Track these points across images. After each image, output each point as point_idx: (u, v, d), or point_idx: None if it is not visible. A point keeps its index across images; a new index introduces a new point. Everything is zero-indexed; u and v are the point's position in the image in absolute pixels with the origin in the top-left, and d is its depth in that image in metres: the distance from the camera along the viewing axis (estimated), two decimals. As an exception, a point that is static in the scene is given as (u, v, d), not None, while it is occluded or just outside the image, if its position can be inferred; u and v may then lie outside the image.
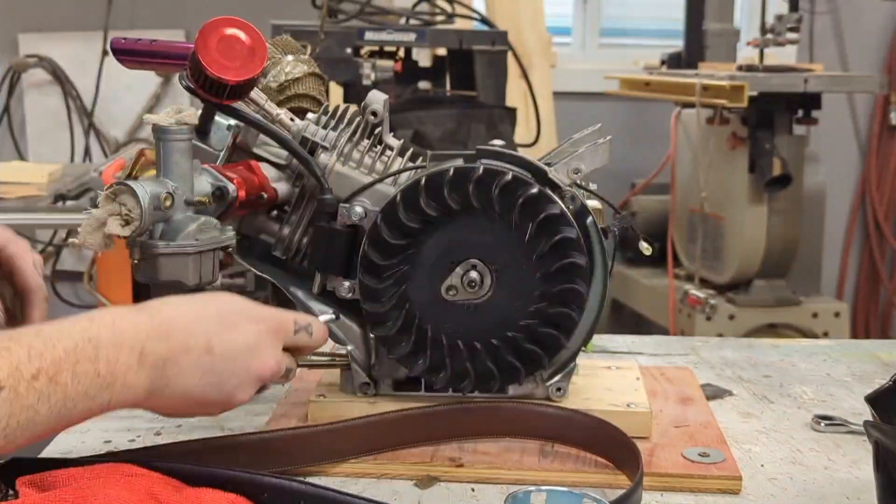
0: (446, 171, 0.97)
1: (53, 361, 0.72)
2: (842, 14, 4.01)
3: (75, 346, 0.74)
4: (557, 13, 3.98)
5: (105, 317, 0.78)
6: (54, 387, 0.71)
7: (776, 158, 2.90)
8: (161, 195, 0.90)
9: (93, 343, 0.75)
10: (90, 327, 0.76)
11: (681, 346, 1.43)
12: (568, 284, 0.98)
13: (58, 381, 0.72)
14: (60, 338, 0.73)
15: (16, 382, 0.69)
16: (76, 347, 0.74)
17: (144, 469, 0.83)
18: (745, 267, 3.04)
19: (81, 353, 0.74)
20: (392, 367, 1.06)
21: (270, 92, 1.10)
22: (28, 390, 0.70)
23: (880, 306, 4.13)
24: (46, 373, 0.71)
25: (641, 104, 3.42)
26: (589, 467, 0.97)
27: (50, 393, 0.71)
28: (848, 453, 1.04)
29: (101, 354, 0.75)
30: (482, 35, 2.71)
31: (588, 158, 1.02)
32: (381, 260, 0.99)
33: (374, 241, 0.99)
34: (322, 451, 0.97)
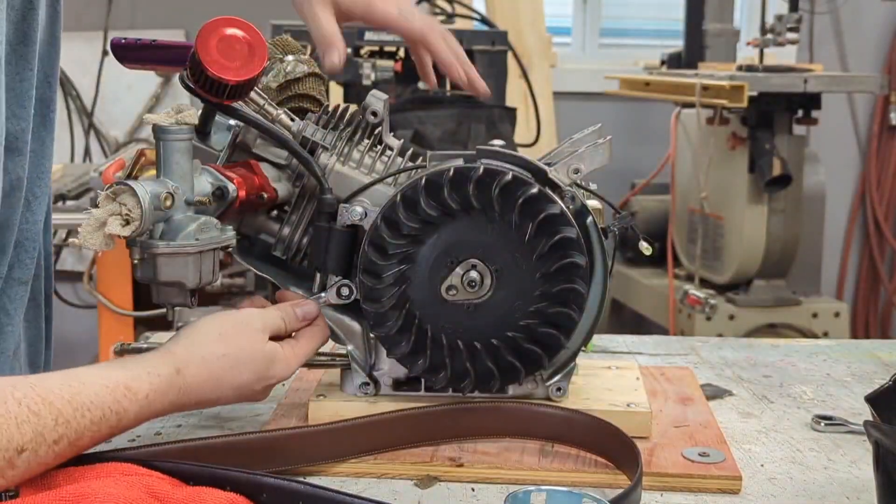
0: (446, 171, 0.97)
1: (77, 429, 0.80)
2: (842, 14, 4.02)
3: (102, 417, 0.82)
4: (557, 13, 3.98)
5: (142, 388, 0.86)
6: (71, 449, 0.80)
7: (776, 158, 2.90)
8: (161, 195, 0.90)
9: (118, 416, 0.83)
10: (122, 401, 0.84)
11: (681, 346, 1.43)
12: (568, 284, 0.98)
13: (77, 444, 0.80)
14: (91, 407, 0.81)
15: (37, 446, 0.77)
16: (102, 418, 0.82)
17: (144, 468, 0.83)
18: (744, 267, 3.04)
19: (105, 423, 0.82)
20: (392, 366, 1.06)
21: (270, 92, 1.10)
22: (47, 452, 0.78)
23: (880, 306, 4.13)
24: (68, 438, 0.79)
25: (641, 104, 3.42)
26: (589, 467, 0.97)
27: (66, 454, 0.80)
28: (848, 453, 1.04)
29: (122, 424, 0.84)
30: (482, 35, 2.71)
31: (588, 158, 1.02)
32: (381, 260, 0.99)
33: (374, 241, 0.99)
34: (322, 451, 0.97)
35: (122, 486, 0.76)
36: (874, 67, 4.03)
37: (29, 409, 0.77)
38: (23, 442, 0.76)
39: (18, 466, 0.76)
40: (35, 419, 0.77)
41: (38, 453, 0.77)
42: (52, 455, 0.78)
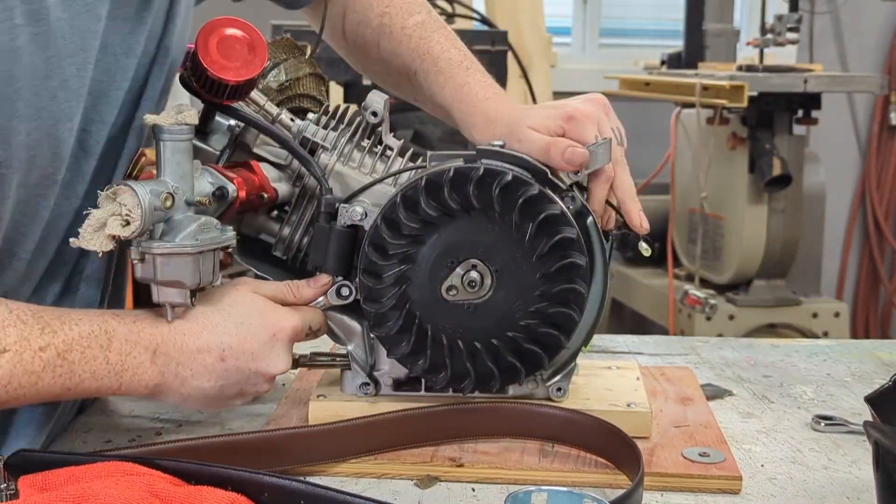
0: (446, 171, 0.97)
1: (65, 340, 0.82)
2: (842, 14, 4.02)
3: (90, 332, 0.84)
4: (557, 13, 3.98)
5: (128, 315, 0.88)
6: (61, 361, 0.81)
7: (776, 158, 2.90)
8: (161, 195, 0.90)
9: (108, 334, 0.85)
10: (110, 320, 0.86)
11: (681, 346, 1.43)
12: (568, 284, 0.98)
13: (66, 357, 0.82)
14: (79, 322, 0.84)
15: (21, 349, 0.80)
16: (91, 333, 0.84)
17: (146, 468, 0.83)
18: (744, 267, 3.04)
19: (94, 339, 0.84)
20: (392, 367, 1.06)
21: (271, 92, 1.10)
22: (34, 359, 0.80)
23: (880, 306, 4.13)
24: (56, 347, 0.81)
25: (641, 104, 3.42)
26: (589, 467, 0.97)
27: (56, 365, 0.81)
28: (848, 453, 1.04)
29: (113, 345, 0.85)
30: (482, 35, 2.71)
31: (588, 159, 1.02)
32: (382, 260, 0.99)
33: (375, 242, 0.99)
34: (322, 451, 0.97)
35: (123, 486, 0.76)
36: (874, 67, 4.03)
37: (18, 317, 0.81)
38: (6, 343, 0.79)
39: (2, 366, 0.79)
40: (21, 325, 0.81)
41: (22, 357, 0.80)
42: (41, 363, 0.81)
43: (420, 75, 1.16)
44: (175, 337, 0.90)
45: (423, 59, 1.15)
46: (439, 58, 1.15)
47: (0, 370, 0.79)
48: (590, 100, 1.06)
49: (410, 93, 1.21)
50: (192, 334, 0.91)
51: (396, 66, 1.19)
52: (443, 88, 1.13)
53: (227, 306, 0.94)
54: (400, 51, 1.18)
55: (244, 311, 0.95)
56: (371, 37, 1.21)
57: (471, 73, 1.13)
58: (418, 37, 1.17)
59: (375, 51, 1.21)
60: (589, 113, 1.04)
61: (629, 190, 1.05)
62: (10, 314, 0.81)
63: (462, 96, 1.11)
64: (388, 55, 1.19)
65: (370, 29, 1.20)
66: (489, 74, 1.16)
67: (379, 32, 1.19)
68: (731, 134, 3.00)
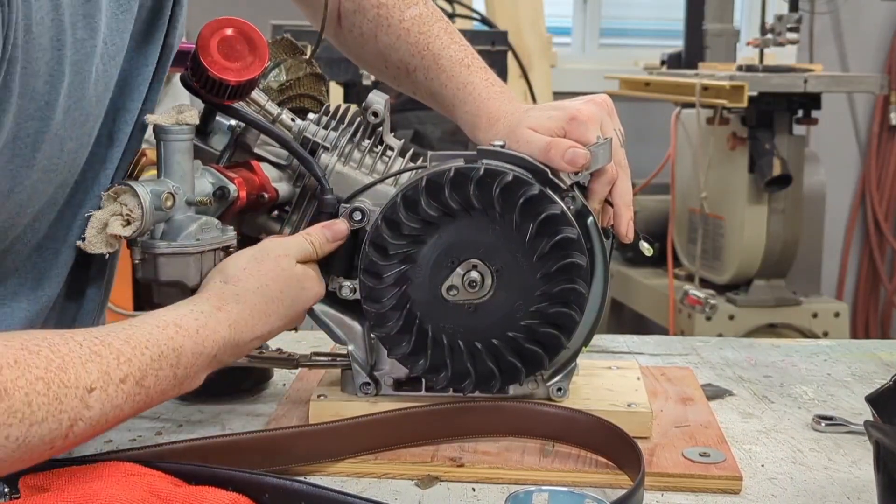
0: (447, 171, 0.97)
1: (140, 367, 0.80)
2: (842, 14, 4.02)
3: (160, 354, 0.82)
4: (557, 13, 3.98)
5: (190, 324, 0.85)
6: (139, 389, 0.80)
7: (776, 158, 2.90)
8: (162, 195, 0.90)
9: (176, 352, 0.83)
10: (176, 337, 0.84)
11: (681, 346, 1.43)
12: (568, 284, 0.98)
13: (143, 384, 0.80)
14: (148, 345, 0.81)
15: (105, 385, 0.77)
16: (161, 355, 0.82)
17: (146, 468, 0.83)
18: (744, 267, 3.04)
19: (165, 361, 0.82)
20: (393, 367, 1.06)
21: (271, 92, 1.10)
22: (117, 392, 0.78)
23: (880, 306, 4.13)
24: (133, 377, 0.79)
25: (641, 104, 3.42)
26: (590, 467, 0.97)
27: (135, 394, 0.79)
28: (848, 453, 1.04)
29: (181, 362, 0.84)
30: (482, 35, 2.71)
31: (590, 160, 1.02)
32: (382, 260, 0.99)
33: (375, 242, 0.99)
34: (323, 451, 0.97)
35: (123, 487, 0.76)
36: (874, 67, 4.03)
37: (90, 349, 0.77)
38: (90, 381, 0.75)
39: (93, 406, 0.75)
40: (98, 358, 0.77)
41: (108, 392, 0.77)
42: (123, 395, 0.78)
43: (420, 72, 1.15)
44: (234, 336, 0.89)
45: (423, 55, 1.15)
46: (440, 55, 1.14)
47: (91, 411, 0.75)
48: (593, 100, 1.06)
49: (409, 87, 1.20)
50: (248, 328, 0.91)
51: (395, 60, 1.18)
52: (444, 87, 1.13)
53: (278, 291, 0.94)
54: (398, 45, 1.17)
55: (291, 293, 0.95)
56: (368, 28, 1.19)
57: (473, 72, 1.12)
58: (417, 31, 1.16)
59: (373, 43, 1.20)
60: (591, 114, 1.03)
61: (626, 196, 1.05)
62: (82, 347, 0.76)
63: (465, 96, 1.11)
64: (385, 49, 1.18)
65: (367, 20, 1.19)
66: (490, 69, 1.15)
67: (376, 24, 1.18)
68: (731, 134, 3.00)
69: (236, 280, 0.92)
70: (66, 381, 0.73)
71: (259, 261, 0.94)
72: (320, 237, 1.00)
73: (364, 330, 1.06)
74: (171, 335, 0.83)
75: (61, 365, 0.74)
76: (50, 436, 0.72)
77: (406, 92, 1.22)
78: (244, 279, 0.92)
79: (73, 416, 0.74)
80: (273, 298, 0.93)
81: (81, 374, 0.75)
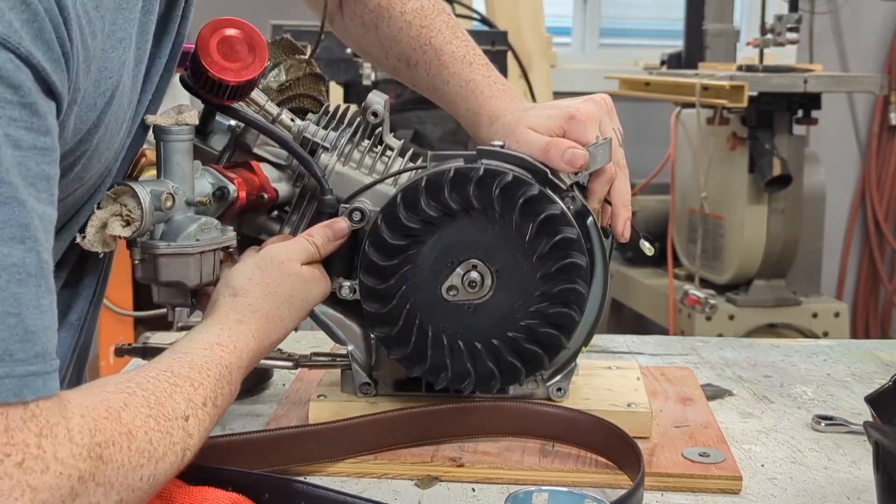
0: (447, 171, 0.97)
1: (212, 389, 0.82)
2: (842, 14, 4.02)
3: (220, 375, 0.84)
4: (557, 13, 3.98)
5: (228, 342, 0.88)
6: (215, 409, 0.82)
7: (776, 158, 2.90)
8: (162, 195, 0.90)
9: (228, 369, 0.86)
10: (224, 355, 0.86)
11: (681, 346, 1.43)
12: (568, 284, 0.98)
13: (216, 404, 0.83)
14: (209, 367, 0.84)
15: (195, 411, 0.79)
16: (220, 375, 0.84)
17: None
18: (744, 267, 3.04)
19: (224, 379, 0.85)
20: (393, 367, 1.06)
21: (271, 92, 1.10)
22: (204, 415, 0.80)
23: (880, 306, 4.13)
24: (211, 399, 0.82)
25: (641, 104, 3.42)
26: (589, 467, 0.97)
27: (214, 415, 0.82)
28: (848, 453, 1.04)
29: (233, 378, 0.86)
30: (482, 35, 2.71)
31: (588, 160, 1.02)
32: (382, 260, 0.99)
33: (375, 242, 0.99)
34: (322, 451, 0.97)
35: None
36: (874, 67, 4.03)
37: (168, 382, 0.78)
38: (183, 410, 0.77)
39: (193, 434, 0.77)
40: (179, 389, 0.78)
41: (199, 418, 0.79)
42: (208, 418, 0.81)
43: (421, 67, 1.15)
44: (259, 345, 0.91)
45: (425, 50, 1.14)
46: (442, 51, 1.13)
47: (193, 439, 0.78)
48: (592, 100, 1.06)
49: (410, 80, 1.19)
50: (268, 335, 0.92)
51: (395, 52, 1.17)
52: (446, 84, 1.12)
53: (287, 296, 0.95)
54: (399, 38, 1.16)
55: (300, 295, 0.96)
56: (369, 18, 1.19)
57: (475, 69, 1.12)
58: (419, 24, 1.15)
59: (374, 34, 1.19)
60: (590, 113, 1.03)
61: (624, 196, 1.05)
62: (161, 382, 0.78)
63: (466, 94, 1.10)
64: (386, 40, 1.18)
65: (368, 10, 1.18)
66: (493, 66, 1.15)
67: (377, 15, 1.17)
68: (731, 134, 3.00)
69: (245, 292, 0.93)
70: (168, 414, 0.75)
71: (263, 269, 0.95)
72: (322, 237, 1.00)
73: (364, 330, 1.05)
74: (220, 354, 0.85)
75: (157, 401, 0.75)
76: (171, 469, 0.75)
77: (407, 84, 1.21)
78: (252, 290, 0.93)
79: (184, 446, 0.76)
80: (283, 302, 0.94)
81: (174, 406, 0.77)
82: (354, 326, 1.06)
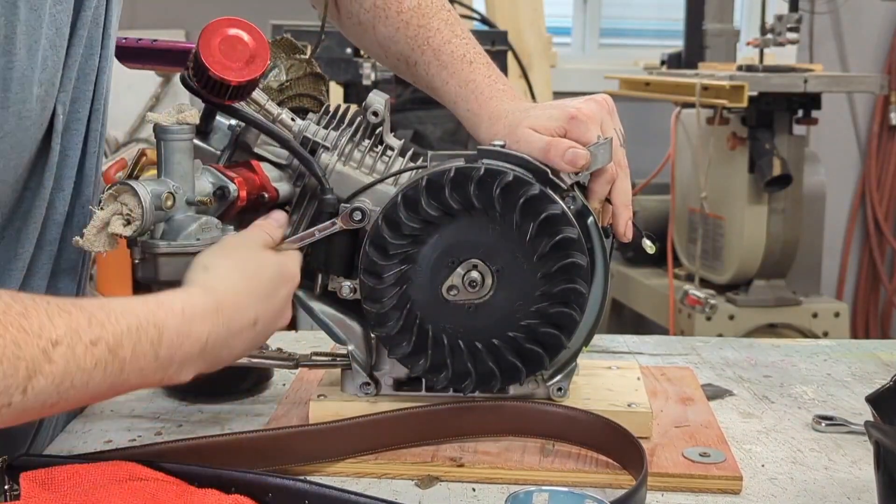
0: (447, 171, 0.97)
1: (115, 334, 0.73)
2: (842, 14, 4.02)
3: (139, 326, 0.75)
4: (557, 13, 3.98)
5: (175, 303, 0.80)
6: (112, 357, 0.73)
7: (776, 158, 2.90)
8: (162, 195, 0.90)
9: (158, 328, 0.77)
10: (157, 311, 0.78)
11: (681, 346, 1.43)
12: (569, 284, 0.98)
13: (117, 353, 0.73)
14: (125, 314, 0.75)
15: (73, 342, 0.70)
16: (139, 327, 0.75)
17: (147, 469, 0.83)
18: (744, 267, 3.04)
19: (143, 334, 0.75)
20: (393, 367, 1.06)
21: (271, 92, 1.10)
22: (86, 354, 0.71)
23: (880, 306, 4.13)
24: (107, 342, 0.72)
25: (641, 104, 3.42)
26: (590, 467, 0.97)
27: (107, 362, 0.73)
28: (848, 453, 1.04)
29: (164, 340, 0.77)
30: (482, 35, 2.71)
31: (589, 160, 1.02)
32: (382, 260, 0.99)
33: (376, 242, 0.99)
34: (323, 451, 0.97)
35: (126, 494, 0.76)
36: (874, 67, 4.03)
37: (59, 306, 0.71)
38: (57, 335, 0.69)
39: (56, 362, 0.69)
40: (67, 316, 0.71)
41: (75, 351, 0.70)
42: (93, 359, 0.71)
43: (421, 67, 1.14)
44: (224, 321, 0.84)
45: (424, 50, 1.13)
46: (441, 51, 1.12)
47: (54, 366, 0.69)
48: (593, 100, 1.06)
49: (410, 79, 1.18)
50: (237, 316, 0.86)
51: (394, 52, 1.16)
52: (446, 84, 1.12)
53: (255, 269, 0.91)
54: (397, 38, 1.15)
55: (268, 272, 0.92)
56: (366, 18, 1.18)
57: (475, 68, 1.11)
58: (416, 24, 1.14)
59: (371, 33, 1.18)
60: (591, 113, 1.03)
61: (625, 196, 1.05)
62: (49, 304, 0.71)
63: (466, 94, 1.10)
64: (384, 40, 1.17)
65: (364, 9, 1.17)
66: (493, 64, 1.14)
67: (374, 14, 1.16)
68: (731, 134, 3.00)
69: (215, 266, 0.88)
70: (28, 327, 0.68)
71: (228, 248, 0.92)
72: (268, 224, 0.98)
73: (364, 330, 1.05)
74: (152, 309, 0.78)
75: (22, 312, 0.68)
76: (4, 382, 0.66)
77: (408, 81, 1.21)
78: (222, 263, 0.89)
79: (33, 367, 0.68)
80: (253, 275, 0.90)
81: (46, 325, 0.69)
82: (355, 326, 1.06)
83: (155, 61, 1.15)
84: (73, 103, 0.96)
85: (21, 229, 0.95)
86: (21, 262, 0.95)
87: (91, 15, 0.95)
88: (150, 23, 3.56)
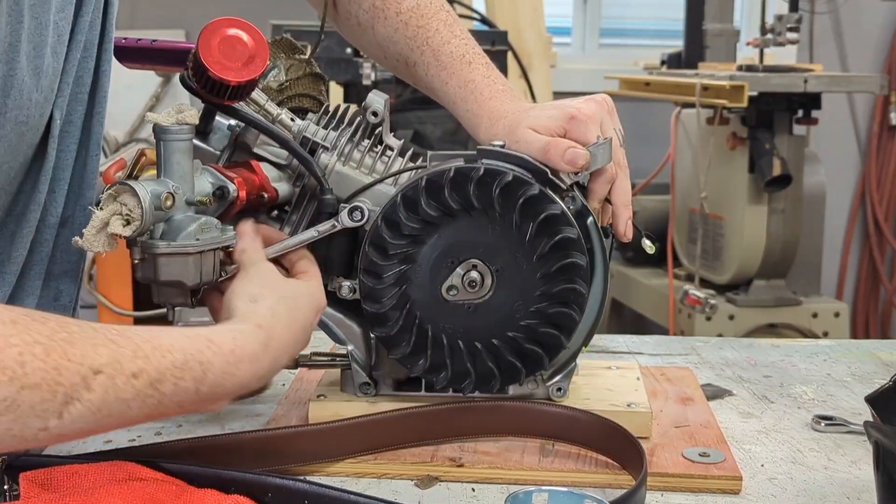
0: (447, 171, 0.97)
1: (158, 369, 0.73)
2: (842, 14, 4.02)
3: (184, 363, 0.76)
4: (557, 13, 3.98)
5: (225, 344, 0.80)
6: (152, 391, 0.73)
7: (776, 158, 2.90)
8: (162, 195, 0.90)
9: (203, 366, 0.77)
10: (205, 350, 0.78)
11: (681, 346, 1.43)
12: (568, 284, 0.98)
13: (157, 388, 0.73)
14: (172, 350, 0.75)
15: (114, 373, 0.70)
16: (185, 364, 0.76)
17: (147, 469, 0.83)
18: (744, 267, 3.04)
19: (188, 371, 0.76)
20: (393, 367, 1.06)
21: (271, 92, 1.10)
22: (126, 385, 0.71)
23: (880, 306, 4.13)
24: (149, 376, 0.73)
25: (641, 104, 3.42)
26: (590, 467, 0.97)
27: (147, 395, 0.73)
28: (848, 453, 1.04)
29: (207, 379, 0.78)
30: (482, 35, 2.71)
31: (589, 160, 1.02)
32: (382, 260, 0.99)
33: (375, 242, 0.99)
34: (322, 451, 0.97)
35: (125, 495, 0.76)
36: (874, 67, 4.03)
37: (105, 336, 0.71)
38: (99, 363, 0.69)
39: (95, 390, 0.69)
40: (112, 345, 0.71)
41: (115, 382, 0.70)
42: (132, 391, 0.71)
43: (420, 67, 1.14)
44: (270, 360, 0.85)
45: (423, 51, 1.13)
46: (440, 51, 1.12)
47: (92, 395, 0.69)
48: (593, 100, 1.06)
49: (410, 79, 1.18)
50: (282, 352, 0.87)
51: (393, 52, 1.16)
52: (445, 84, 1.11)
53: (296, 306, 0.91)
54: (396, 38, 1.15)
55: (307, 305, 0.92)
56: (364, 18, 1.17)
57: (474, 69, 1.11)
58: (415, 25, 1.13)
59: (370, 34, 1.18)
60: (591, 113, 1.03)
61: (625, 196, 1.05)
62: (97, 332, 0.71)
63: (466, 94, 1.10)
64: (383, 41, 1.16)
65: (362, 10, 1.17)
66: (493, 64, 1.14)
67: (372, 15, 1.16)
68: (731, 134, 3.00)
69: (263, 298, 0.89)
70: (71, 355, 0.68)
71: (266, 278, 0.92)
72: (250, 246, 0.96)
73: (364, 330, 1.05)
74: (201, 348, 0.78)
75: (68, 338, 0.69)
76: (42, 406, 0.66)
77: (407, 81, 1.21)
78: (267, 295, 0.89)
79: (71, 393, 0.68)
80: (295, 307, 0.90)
81: (89, 354, 0.69)
82: (354, 326, 1.06)
83: (155, 61, 1.14)
84: (69, 106, 0.96)
85: (15, 232, 0.95)
86: (14, 265, 0.95)
87: (89, 19, 0.95)
88: (150, 23, 3.56)
